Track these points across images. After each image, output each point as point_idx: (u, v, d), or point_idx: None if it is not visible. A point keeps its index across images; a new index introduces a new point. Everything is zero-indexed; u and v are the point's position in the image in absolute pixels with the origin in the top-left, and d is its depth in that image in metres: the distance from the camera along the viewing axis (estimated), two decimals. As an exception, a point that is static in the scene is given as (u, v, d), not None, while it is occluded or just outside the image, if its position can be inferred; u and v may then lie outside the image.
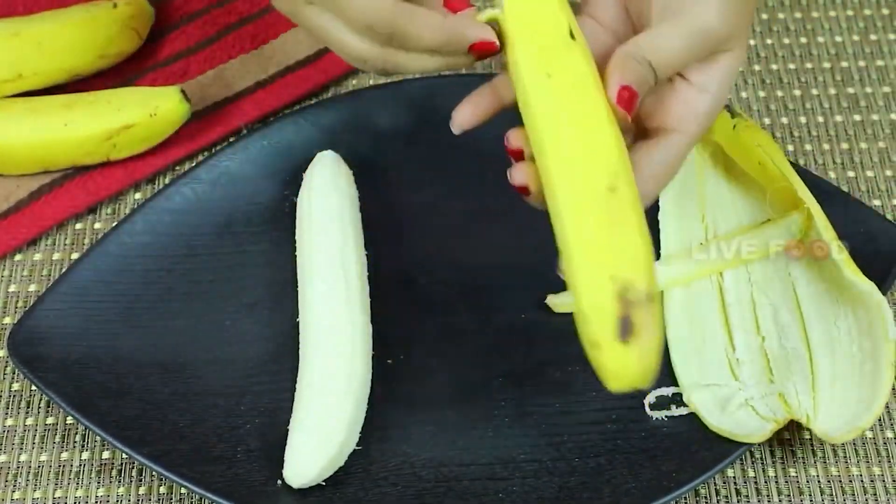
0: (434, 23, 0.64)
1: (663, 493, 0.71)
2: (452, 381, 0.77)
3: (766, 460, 0.76)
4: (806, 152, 0.89)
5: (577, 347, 0.76)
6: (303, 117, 0.86)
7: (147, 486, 0.75)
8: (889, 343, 0.73)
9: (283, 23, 0.93)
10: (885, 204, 0.86)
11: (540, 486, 0.72)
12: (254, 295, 0.80)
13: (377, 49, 0.65)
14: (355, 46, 0.65)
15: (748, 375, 0.76)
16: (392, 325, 0.78)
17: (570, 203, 0.62)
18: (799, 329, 0.77)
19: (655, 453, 0.73)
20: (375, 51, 0.65)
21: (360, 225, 0.81)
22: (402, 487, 0.73)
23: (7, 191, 0.85)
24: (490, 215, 0.83)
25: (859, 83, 0.92)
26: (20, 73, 0.86)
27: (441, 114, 0.87)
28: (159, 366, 0.77)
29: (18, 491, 0.75)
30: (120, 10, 0.88)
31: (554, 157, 0.63)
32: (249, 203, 0.83)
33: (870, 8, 0.97)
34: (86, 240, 0.85)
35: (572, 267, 0.61)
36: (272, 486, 0.72)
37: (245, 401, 0.76)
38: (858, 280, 0.74)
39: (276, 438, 0.74)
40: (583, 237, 0.61)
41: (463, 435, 0.75)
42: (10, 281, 0.83)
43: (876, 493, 0.74)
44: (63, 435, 0.77)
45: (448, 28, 0.65)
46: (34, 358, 0.75)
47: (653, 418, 0.75)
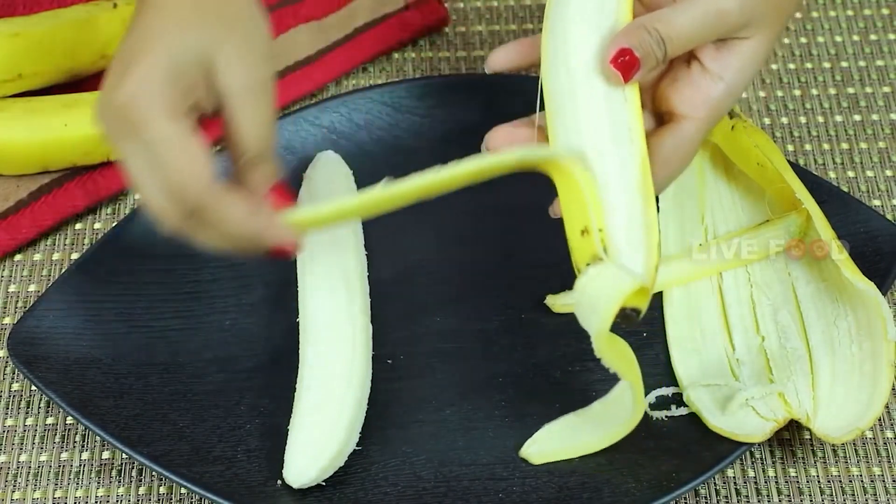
0: (240, 216, 0.62)
1: (663, 493, 0.71)
2: (452, 381, 0.77)
3: (766, 460, 0.76)
4: (806, 152, 0.89)
5: (577, 347, 0.76)
6: (303, 117, 0.86)
7: (147, 486, 0.75)
8: (888, 343, 0.73)
9: (282, 23, 0.93)
10: (885, 204, 0.86)
11: (540, 486, 0.72)
12: (254, 295, 0.80)
13: (178, 213, 0.62)
14: (159, 202, 0.62)
15: (748, 375, 0.76)
16: (392, 325, 0.78)
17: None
18: (799, 329, 0.77)
19: (655, 453, 0.73)
20: (175, 214, 0.62)
21: (360, 225, 0.81)
22: (402, 487, 0.73)
23: (7, 191, 0.85)
24: (490, 215, 0.83)
25: (859, 83, 0.92)
26: (20, 73, 0.86)
27: (441, 113, 0.87)
28: (159, 366, 0.77)
29: (18, 491, 0.75)
30: (120, 10, 0.88)
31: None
32: (249, 203, 0.83)
33: (870, 8, 0.97)
34: (86, 240, 0.85)
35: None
36: (272, 486, 0.72)
37: (245, 401, 0.76)
38: (858, 280, 0.74)
39: (275, 438, 0.74)
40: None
41: (463, 435, 0.75)
42: (10, 281, 0.83)
43: (876, 493, 0.74)
44: (63, 435, 0.77)
45: (251, 226, 0.63)
46: (34, 358, 0.75)
47: (653, 418, 0.75)
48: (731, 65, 0.66)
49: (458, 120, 0.86)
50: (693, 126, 0.67)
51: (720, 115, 0.68)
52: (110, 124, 0.62)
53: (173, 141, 0.61)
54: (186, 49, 0.62)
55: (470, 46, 0.95)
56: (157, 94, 0.61)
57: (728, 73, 0.66)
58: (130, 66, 0.61)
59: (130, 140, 0.62)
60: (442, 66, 0.94)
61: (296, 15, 0.94)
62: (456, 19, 0.97)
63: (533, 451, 0.74)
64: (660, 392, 0.76)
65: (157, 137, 0.61)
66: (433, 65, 0.94)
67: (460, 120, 0.86)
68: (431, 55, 0.95)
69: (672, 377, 0.76)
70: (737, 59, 0.66)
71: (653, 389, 0.75)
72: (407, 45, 0.95)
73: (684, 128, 0.67)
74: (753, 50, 0.67)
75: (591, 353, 0.77)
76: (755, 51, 0.67)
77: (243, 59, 0.64)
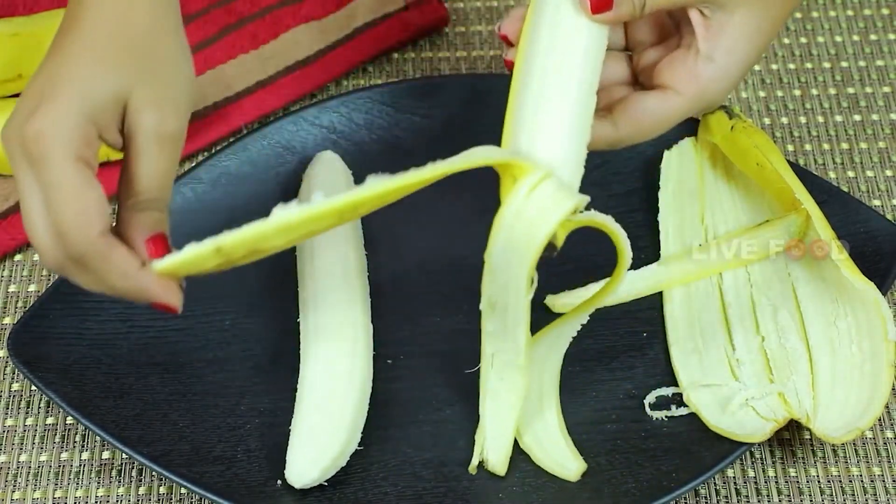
0: (128, 270, 0.62)
1: (663, 493, 0.71)
2: (452, 381, 0.77)
3: (766, 460, 0.76)
4: (806, 152, 0.89)
5: (577, 347, 0.76)
6: (303, 117, 0.86)
7: (147, 486, 0.75)
8: (888, 343, 0.73)
9: (282, 23, 0.93)
10: (885, 204, 0.86)
11: (540, 486, 0.72)
12: (254, 295, 0.80)
13: (60, 255, 0.62)
14: (43, 239, 0.62)
15: (748, 375, 0.76)
16: (392, 325, 0.78)
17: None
18: (799, 329, 0.77)
19: (655, 453, 0.73)
20: (58, 255, 0.62)
21: (360, 225, 0.81)
22: (402, 487, 0.73)
23: (7, 191, 0.85)
24: (490, 215, 0.83)
25: (859, 83, 0.92)
26: (20, 73, 0.86)
27: (441, 113, 0.87)
28: (159, 366, 0.77)
29: (18, 491, 0.75)
30: (120, 11, 0.88)
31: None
32: (249, 203, 0.83)
33: (870, 8, 0.97)
34: (86, 240, 0.85)
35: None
36: (272, 486, 0.72)
37: (245, 401, 0.76)
38: (858, 280, 0.74)
39: (275, 438, 0.74)
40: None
41: (463, 435, 0.75)
42: (10, 281, 0.83)
43: (876, 493, 0.74)
44: (63, 435, 0.77)
45: (137, 282, 0.62)
46: (34, 358, 0.75)
47: (653, 418, 0.75)
48: (721, 45, 0.68)
49: (458, 120, 0.86)
50: (677, 100, 0.68)
51: (709, 96, 0.69)
52: (13, 152, 0.62)
53: (70, 186, 0.61)
54: (102, 89, 0.62)
55: (470, 46, 0.95)
56: (65, 137, 0.61)
57: (717, 54, 0.68)
58: (44, 100, 0.61)
59: (28, 173, 0.61)
60: (442, 66, 0.94)
61: (296, 15, 0.94)
62: (456, 19, 0.97)
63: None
64: (660, 392, 0.76)
65: (54, 180, 0.61)
66: (433, 65, 0.94)
67: (460, 120, 0.86)
68: (431, 55, 0.95)
69: (672, 377, 0.76)
70: (726, 38, 0.68)
71: (653, 389, 0.75)
72: (407, 45, 0.95)
73: (668, 98, 0.68)
74: (741, 29, 0.67)
75: (591, 353, 0.77)
76: (742, 30, 0.67)
77: (156, 105, 0.63)
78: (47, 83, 0.62)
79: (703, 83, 0.68)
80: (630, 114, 0.68)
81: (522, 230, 0.64)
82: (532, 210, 0.64)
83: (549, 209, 0.63)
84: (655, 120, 0.69)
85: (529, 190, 0.64)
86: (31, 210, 0.62)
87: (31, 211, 0.62)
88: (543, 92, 0.66)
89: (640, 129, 0.69)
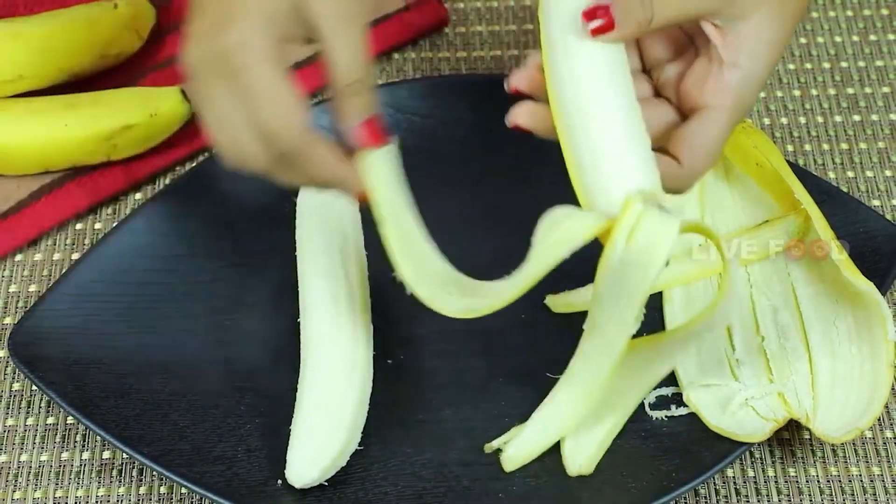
0: (330, 162, 0.66)
1: (663, 493, 0.71)
2: (452, 381, 0.77)
3: (765, 460, 0.76)
4: (806, 152, 0.89)
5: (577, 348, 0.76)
6: (303, 117, 0.86)
7: (147, 485, 0.75)
8: (888, 343, 0.73)
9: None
10: (884, 204, 0.86)
11: (540, 486, 0.73)
12: (254, 295, 0.80)
13: (267, 157, 0.65)
14: (247, 145, 0.65)
15: (748, 375, 0.76)
16: (392, 325, 0.78)
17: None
18: (798, 329, 0.77)
19: (655, 453, 0.73)
20: (263, 157, 0.65)
21: (359, 225, 0.81)
22: (402, 487, 0.73)
23: (7, 191, 0.85)
24: (490, 215, 0.83)
25: (859, 83, 0.93)
26: (21, 74, 0.86)
27: (441, 113, 0.87)
28: (159, 366, 0.77)
29: (19, 491, 0.75)
30: (120, 11, 0.89)
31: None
32: (249, 203, 0.83)
33: (869, 8, 0.97)
34: (86, 240, 0.85)
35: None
36: (272, 486, 0.72)
37: (245, 401, 0.76)
38: (858, 280, 0.74)
39: (276, 438, 0.74)
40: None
41: (463, 435, 0.75)
42: (10, 281, 0.83)
43: (875, 493, 0.74)
44: (63, 435, 0.77)
45: (340, 173, 0.67)
46: (35, 358, 0.75)
47: (653, 418, 0.75)
48: (742, 50, 0.67)
49: (458, 120, 0.86)
50: (719, 115, 0.67)
51: (745, 102, 0.68)
52: (203, 70, 0.64)
53: (273, 88, 0.64)
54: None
55: (470, 47, 0.95)
56: (265, 44, 0.64)
57: (741, 59, 0.67)
58: (233, 16, 0.64)
59: (224, 84, 0.64)
60: (442, 66, 0.94)
61: (296, 15, 0.94)
62: (456, 19, 0.97)
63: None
64: (660, 392, 0.76)
65: (257, 84, 0.63)
66: (433, 65, 0.94)
67: (461, 120, 0.86)
68: (431, 55, 0.95)
69: (672, 377, 0.76)
70: (745, 43, 0.67)
71: (653, 389, 0.76)
72: (407, 45, 0.95)
73: (711, 117, 0.67)
74: (757, 32, 0.67)
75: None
76: (760, 32, 0.67)
77: None
78: (226, 3, 0.64)
79: (736, 91, 0.67)
80: (683, 150, 0.67)
81: (635, 261, 0.64)
82: (641, 240, 0.64)
83: (657, 241, 0.63)
84: (709, 142, 0.67)
85: (631, 230, 0.64)
86: (231, 123, 0.65)
87: (231, 124, 0.65)
88: (590, 136, 0.65)
89: (698, 158, 0.67)
